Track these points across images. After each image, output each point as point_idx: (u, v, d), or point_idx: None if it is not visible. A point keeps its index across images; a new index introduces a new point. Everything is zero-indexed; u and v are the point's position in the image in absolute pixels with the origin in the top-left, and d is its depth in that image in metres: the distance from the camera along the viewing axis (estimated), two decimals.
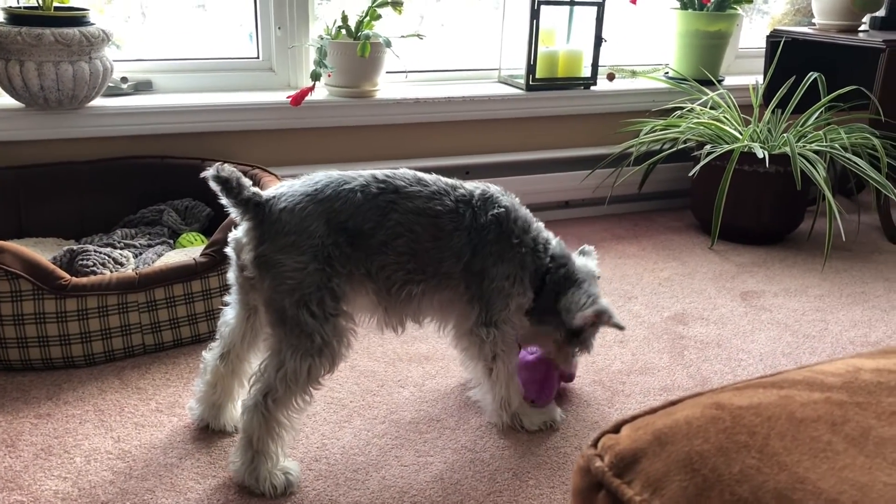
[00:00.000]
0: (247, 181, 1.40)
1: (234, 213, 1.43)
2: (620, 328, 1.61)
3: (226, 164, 1.38)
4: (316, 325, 1.38)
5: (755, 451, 0.57)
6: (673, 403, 0.68)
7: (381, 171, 1.50)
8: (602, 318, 1.58)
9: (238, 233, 1.46)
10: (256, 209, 1.41)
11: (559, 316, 1.60)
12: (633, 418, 0.67)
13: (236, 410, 1.59)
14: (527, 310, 1.62)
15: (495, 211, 1.53)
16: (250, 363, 1.57)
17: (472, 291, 1.54)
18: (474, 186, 1.57)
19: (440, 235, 1.48)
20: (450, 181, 1.55)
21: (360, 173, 1.48)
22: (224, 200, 1.40)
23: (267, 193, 1.44)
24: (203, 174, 1.39)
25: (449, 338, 1.67)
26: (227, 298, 1.57)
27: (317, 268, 1.38)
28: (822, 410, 0.62)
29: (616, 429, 0.66)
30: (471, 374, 1.70)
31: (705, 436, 0.60)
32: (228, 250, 1.50)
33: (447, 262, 1.50)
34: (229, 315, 1.56)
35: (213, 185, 1.38)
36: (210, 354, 1.59)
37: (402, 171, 1.52)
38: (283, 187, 1.46)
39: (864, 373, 0.68)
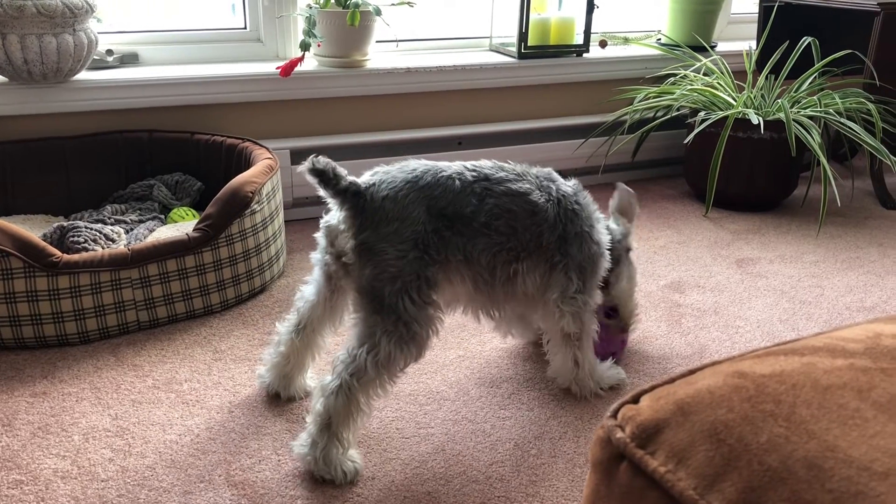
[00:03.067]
0: (342, 170, 1.40)
1: (331, 202, 1.43)
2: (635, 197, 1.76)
3: (320, 156, 1.38)
4: (414, 311, 1.39)
5: (782, 420, 0.56)
6: (692, 372, 0.66)
7: (468, 162, 1.53)
8: (630, 196, 1.75)
9: (332, 220, 1.47)
10: (356, 198, 1.41)
11: (621, 256, 1.74)
12: (653, 388, 0.66)
13: (306, 380, 1.65)
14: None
15: (572, 182, 1.62)
16: (324, 338, 1.60)
17: (569, 258, 1.57)
18: (539, 168, 1.61)
19: (536, 210, 1.51)
20: (521, 165, 1.58)
21: (449, 164, 1.50)
22: (322, 192, 1.40)
23: (364, 181, 1.44)
24: (299, 168, 1.39)
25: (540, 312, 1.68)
26: (307, 278, 1.59)
27: (416, 255, 1.39)
28: (847, 377, 0.60)
29: (635, 399, 0.65)
30: (552, 347, 1.70)
31: (729, 405, 0.59)
32: (318, 235, 1.51)
33: (546, 234, 1.53)
34: (308, 291, 1.57)
35: (310, 178, 1.38)
36: (284, 327, 1.61)
37: (483, 161, 1.55)
38: (380, 174, 1.46)
39: (886, 338, 0.67)
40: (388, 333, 1.38)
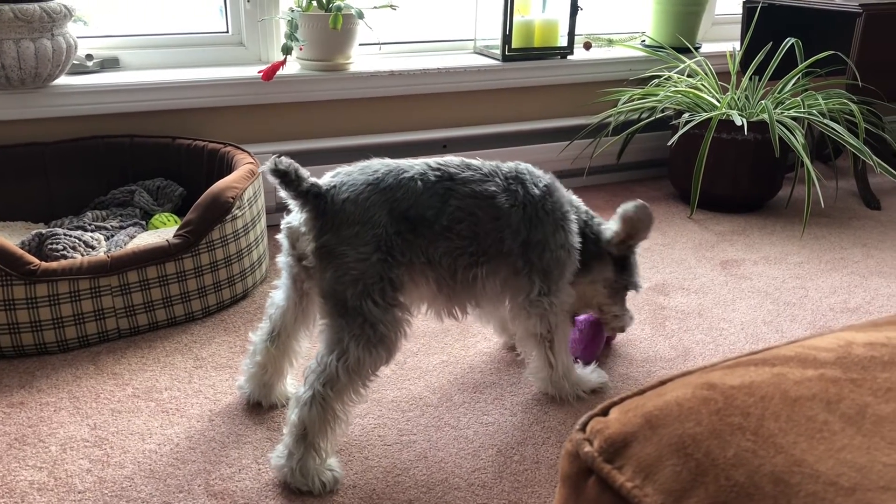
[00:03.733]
0: (304, 172, 1.39)
1: (292, 204, 1.42)
2: (651, 219, 1.64)
3: (283, 157, 1.36)
4: (379, 314, 1.38)
5: (750, 434, 0.56)
6: (662, 383, 0.66)
7: (432, 159, 1.50)
8: (643, 212, 1.62)
9: (293, 221, 1.45)
10: (317, 200, 1.39)
11: (601, 259, 1.68)
12: (622, 400, 0.65)
13: (286, 386, 1.63)
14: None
15: (544, 183, 1.57)
16: (300, 342, 1.59)
17: (531, 265, 1.55)
18: (512, 164, 1.58)
19: (499, 215, 1.49)
20: (491, 163, 1.56)
21: (412, 162, 1.48)
22: (283, 193, 1.39)
23: (325, 183, 1.42)
24: (261, 169, 1.39)
25: (505, 315, 1.70)
26: (276, 282, 1.58)
27: (379, 258, 1.38)
28: (817, 388, 0.60)
29: (604, 411, 0.64)
30: (524, 348, 1.69)
31: (697, 418, 0.58)
32: (280, 237, 1.49)
33: (507, 239, 1.51)
34: (278, 297, 1.56)
35: (271, 179, 1.36)
36: (258, 336, 1.59)
37: (450, 158, 1.52)
38: (341, 176, 1.44)
39: (857, 347, 0.67)
40: (355, 338, 1.37)
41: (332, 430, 1.40)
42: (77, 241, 1.99)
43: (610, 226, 1.68)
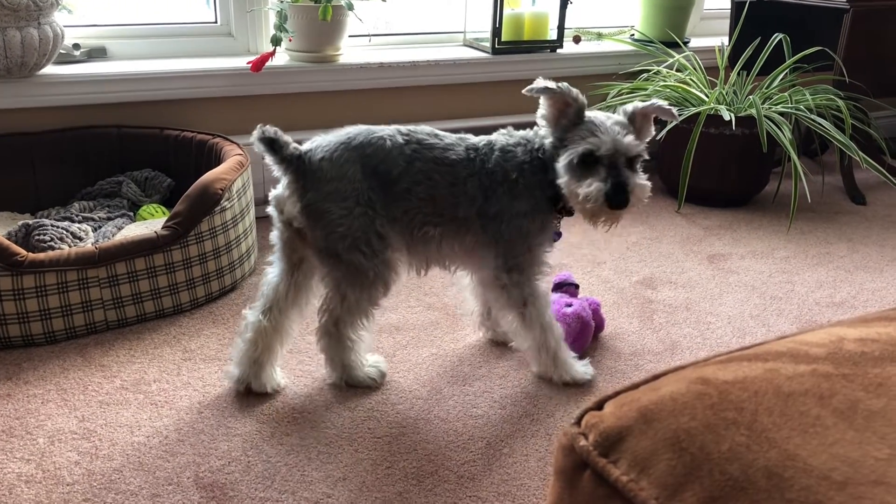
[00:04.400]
0: (287, 137, 1.52)
1: (277, 170, 1.54)
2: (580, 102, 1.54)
3: (267, 125, 1.51)
4: (369, 263, 1.53)
5: (744, 428, 0.56)
6: (656, 377, 0.66)
7: (403, 126, 1.61)
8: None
9: (279, 189, 1.58)
10: (298, 161, 1.52)
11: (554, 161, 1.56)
12: (617, 394, 0.65)
13: (276, 375, 1.67)
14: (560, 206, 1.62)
15: (496, 155, 1.60)
16: (291, 320, 1.66)
17: (490, 236, 1.60)
18: (481, 137, 1.66)
19: (455, 182, 1.57)
20: (459, 135, 1.65)
21: (383, 127, 1.58)
22: (269, 159, 1.52)
23: (303, 147, 1.55)
24: (250, 139, 1.52)
25: (476, 291, 1.80)
26: (270, 258, 1.66)
27: (361, 212, 1.51)
28: (809, 383, 0.61)
29: (599, 405, 0.65)
30: (507, 328, 1.73)
31: (692, 412, 0.59)
32: (270, 209, 1.61)
33: (462, 206, 1.58)
34: (272, 274, 1.65)
35: (259, 146, 1.51)
36: (251, 312, 1.65)
37: (422, 127, 1.63)
38: (317, 140, 1.57)
39: (848, 343, 0.67)
40: (351, 283, 1.55)
41: (352, 349, 1.61)
42: (64, 231, 1.97)
43: (543, 131, 1.61)
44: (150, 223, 2.11)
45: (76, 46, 2.40)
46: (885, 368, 0.63)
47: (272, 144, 1.50)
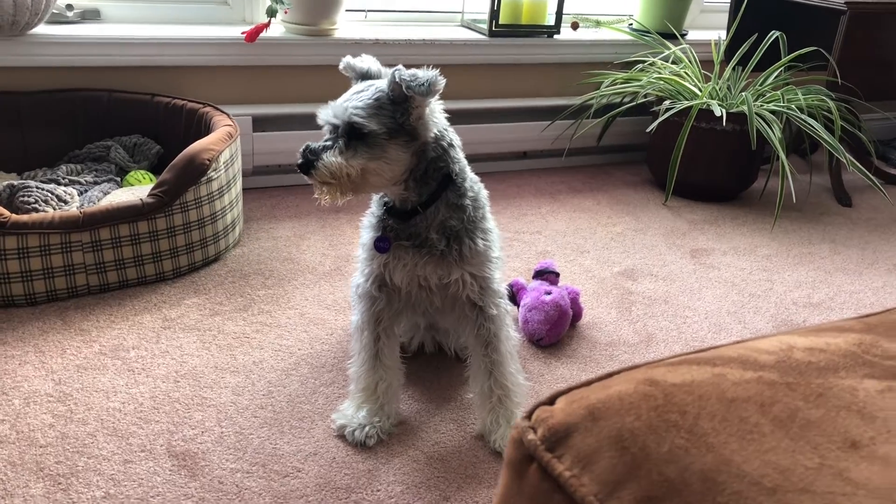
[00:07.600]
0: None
1: None
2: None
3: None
4: None
5: (685, 431, 0.58)
6: (609, 376, 0.68)
7: None
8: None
9: None
10: None
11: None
12: (569, 390, 0.67)
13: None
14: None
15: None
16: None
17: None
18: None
19: None
20: None
21: None
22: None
23: None
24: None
25: None
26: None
27: None
28: (753, 390, 0.62)
29: (551, 400, 0.66)
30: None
31: (637, 413, 0.61)
32: None
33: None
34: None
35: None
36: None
37: None
38: None
39: (797, 351, 0.69)
40: None
41: None
42: (49, 194, 1.98)
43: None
44: (137, 189, 2.12)
45: (69, 7, 2.39)
46: (828, 379, 0.64)
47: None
